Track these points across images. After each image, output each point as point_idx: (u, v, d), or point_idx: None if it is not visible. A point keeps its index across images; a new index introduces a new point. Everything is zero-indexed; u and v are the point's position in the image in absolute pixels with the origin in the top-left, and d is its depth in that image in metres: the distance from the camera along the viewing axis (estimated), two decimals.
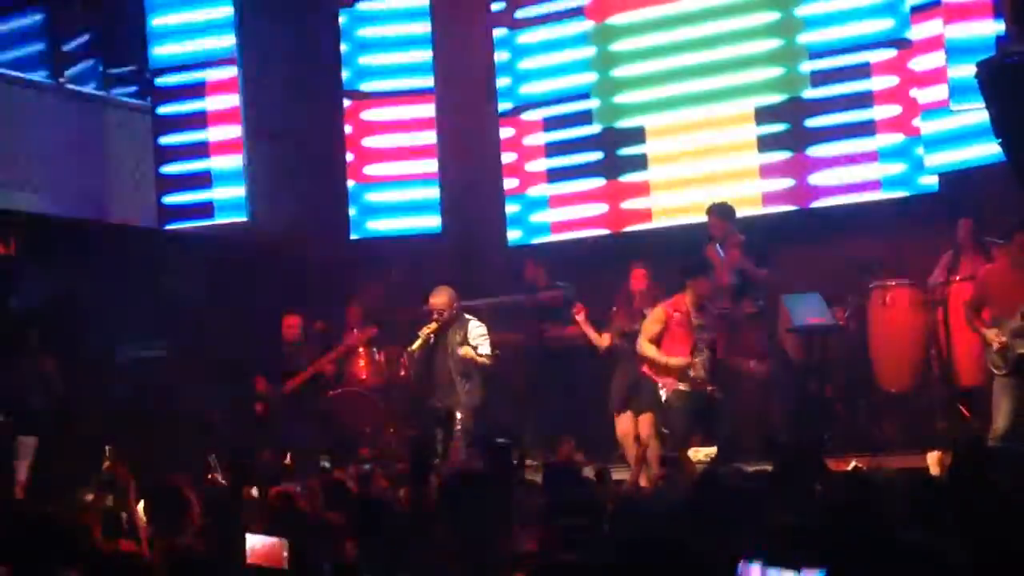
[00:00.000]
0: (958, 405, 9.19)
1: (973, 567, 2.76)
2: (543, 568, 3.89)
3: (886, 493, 4.70)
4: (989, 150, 9.17)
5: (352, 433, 10.43)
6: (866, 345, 9.65)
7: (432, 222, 11.99)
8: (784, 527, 3.50)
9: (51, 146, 11.04)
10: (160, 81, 11.85)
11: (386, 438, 10.42)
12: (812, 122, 10.80)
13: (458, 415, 9.01)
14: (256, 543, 4.65)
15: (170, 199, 11.79)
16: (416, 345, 9.18)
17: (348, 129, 12.11)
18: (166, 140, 11.75)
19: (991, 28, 9.26)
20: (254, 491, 7.28)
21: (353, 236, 12.09)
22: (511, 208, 12.07)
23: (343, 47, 12.22)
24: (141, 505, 5.64)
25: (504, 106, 12.13)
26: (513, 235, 12.02)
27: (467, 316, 9.22)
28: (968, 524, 2.88)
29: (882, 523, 4.19)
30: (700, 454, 8.81)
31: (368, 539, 4.57)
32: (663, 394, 8.69)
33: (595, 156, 11.69)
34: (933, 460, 6.58)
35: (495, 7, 12.20)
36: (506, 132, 12.13)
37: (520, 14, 12.05)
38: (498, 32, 12.17)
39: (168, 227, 11.80)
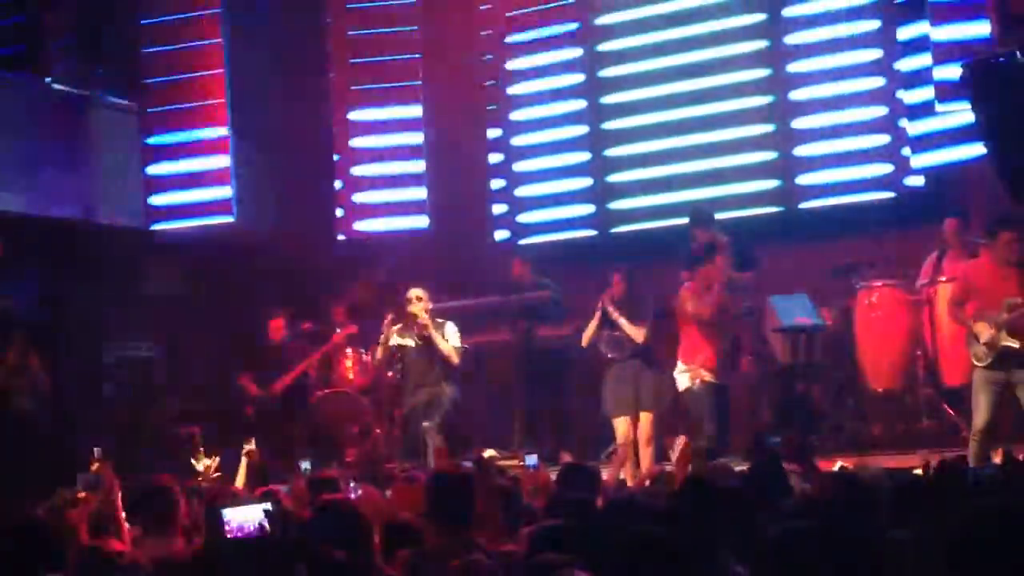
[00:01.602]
0: (943, 405, 9.23)
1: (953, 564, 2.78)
2: (530, 567, 3.89)
3: (872, 492, 4.72)
4: (975, 150, 9.22)
5: (339, 434, 10.43)
6: (853, 345, 9.67)
7: (420, 222, 11.99)
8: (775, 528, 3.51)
9: (38, 147, 11.00)
10: (147, 81, 11.81)
11: (373, 439, 10.41)
12: (799, 123, 10.83)
13: (436, 409, 9.12)
14: (236, 516, 4.62)
15: (157, 199, 11.75)
16: (379, 354, 9.46)
17: (335, 130, 12.10)
18: (153, 140, 11.72)
19: (977, 29, 9.28)
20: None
21: (340, 236, 12.08)
22: (498, 208, 12.08)
23: (330, 48, 12.20)
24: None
25: (491, 107, 12.14)
26: (500, 235, 12.03)
27: (439, 320, 9.34)
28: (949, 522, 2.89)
29: (869, 522, 4.21)
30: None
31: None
32: (687, 382, 8.71)
33: (582, 157, 11.71)
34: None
35: (483, 8, 12.20)
36: (493, 132, 12.14)
37: (508, 15, 12.04)
38: (486, 32, 12.18)
39: (155, 227, 11.77)
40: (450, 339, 9.29)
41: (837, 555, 3.25)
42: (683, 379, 8.87)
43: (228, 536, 4.33)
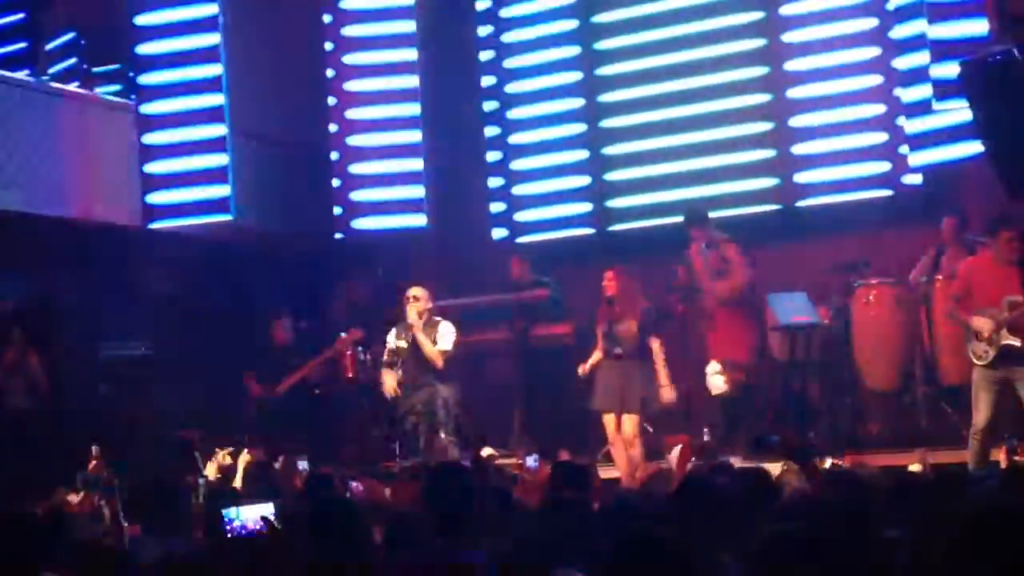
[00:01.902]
0: (941, 403, 9.23)
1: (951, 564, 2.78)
2: (526, 567, 3.90)
3: (869, 491, 4.73)
4: (972, 148, 9.23)
5: (338, 432, 10.44)
6: (850, 344, 9.67)
7: (418, 220, 11.99)
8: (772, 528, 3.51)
9: (34, 144, 11.00)
10: (144, 79, 11.80)
11: (371, 437, 10.43)
12: (797, 121, 10.83)
13: (439, 408, 9.11)
14: (236, 516, 4.63)
15: (154, 198, 11.74)
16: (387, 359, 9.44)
17: (334, 128, 12.10)
18: (150, 138, 11.71)
19: (974, 27, 9.29)
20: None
21: (339, 235, 12.07)
22: (496, 206, 12.07)
23: (328, 46, 12.19)
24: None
25: (490, 105, 12.14)
26: (498, 233, 12.03)
27: (436, 318, 9.33)
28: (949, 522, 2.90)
29: (865, 520, 4.21)
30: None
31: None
32: (722, 385, 8.64)
33: (580, 155, 11.71)
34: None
35: (481, 6, 12.20)
36: (491, 130, 12.14)
37: (506, 13, 12.04)
38: (484, 30, 12.18)
39: (152, 226, 11.76)
40: (440, 340, 9.23)
41: (833, 555, 3.26)
42: (718, 382, 8.70)
43: (229, 536, 4.35)
